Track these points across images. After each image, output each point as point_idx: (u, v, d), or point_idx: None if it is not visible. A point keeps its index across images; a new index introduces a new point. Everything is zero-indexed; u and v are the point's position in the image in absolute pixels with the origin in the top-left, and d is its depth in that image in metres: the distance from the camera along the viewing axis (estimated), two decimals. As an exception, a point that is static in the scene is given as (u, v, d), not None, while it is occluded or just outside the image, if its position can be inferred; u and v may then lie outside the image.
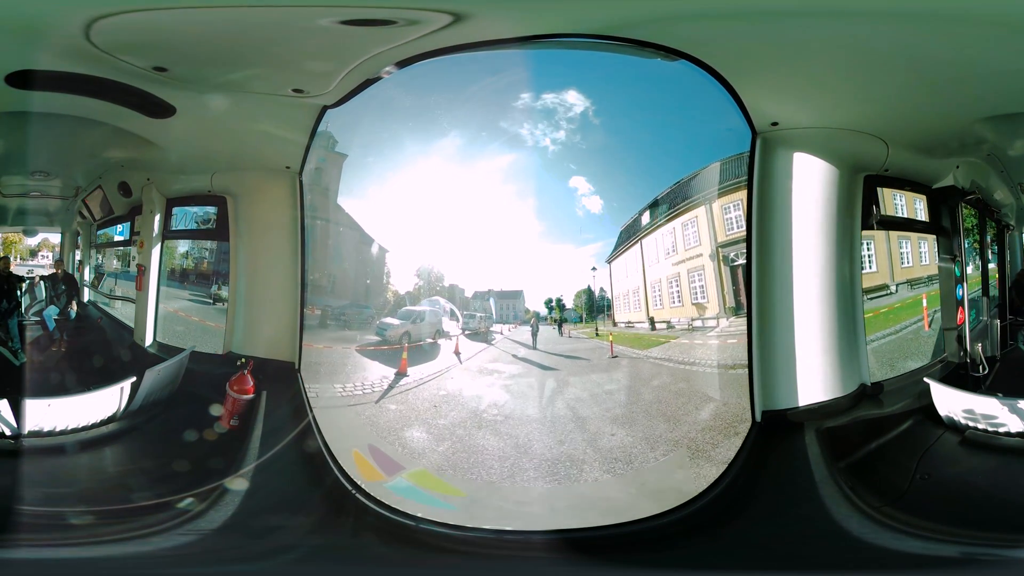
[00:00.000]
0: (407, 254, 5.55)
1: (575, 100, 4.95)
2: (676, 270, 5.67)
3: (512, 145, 5.03)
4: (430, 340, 5.82)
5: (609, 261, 5.73)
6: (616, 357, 5.73)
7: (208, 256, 5.62)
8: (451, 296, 5.80)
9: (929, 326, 5.17)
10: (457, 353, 5.84)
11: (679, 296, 5.66)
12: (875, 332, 5.01)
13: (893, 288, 5.16)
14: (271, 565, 3.91)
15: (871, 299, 5.04)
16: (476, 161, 5.07)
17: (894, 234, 5.15)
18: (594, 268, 5.66)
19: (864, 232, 5.00)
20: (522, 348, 5.96)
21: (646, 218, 5.61)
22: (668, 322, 5.72)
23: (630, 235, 5.71)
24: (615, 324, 5.94)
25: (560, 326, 6.08)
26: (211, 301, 5.52)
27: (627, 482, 4.65)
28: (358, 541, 4.22)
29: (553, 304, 6.00)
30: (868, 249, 5.07)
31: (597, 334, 5.96)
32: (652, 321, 5.84)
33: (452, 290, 5.79)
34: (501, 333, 6.05)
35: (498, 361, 5.80)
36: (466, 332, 5.92)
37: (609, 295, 5.95)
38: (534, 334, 6.03)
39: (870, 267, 5.07)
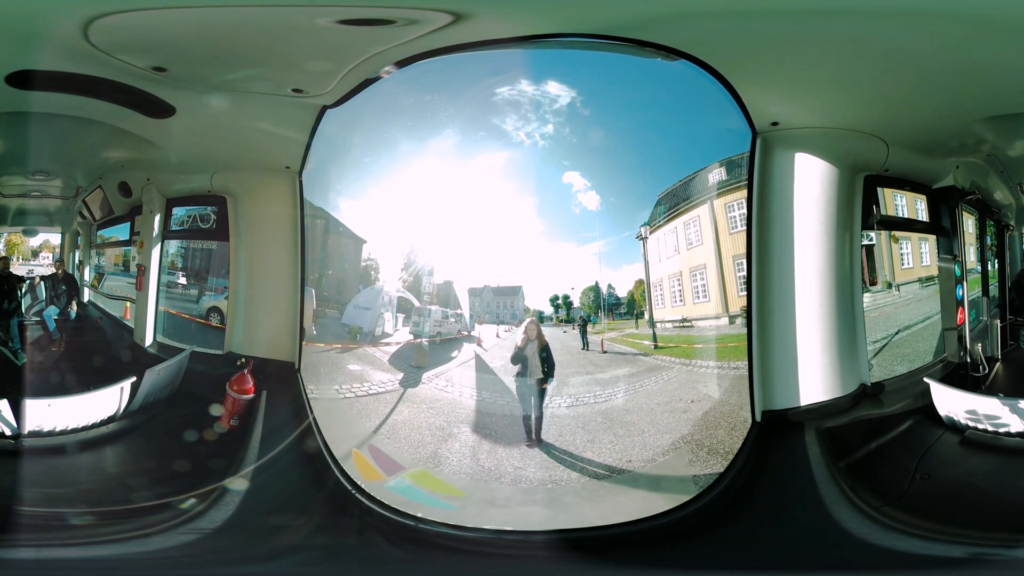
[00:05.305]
0: (395, 249, 5.27)
1: (575, 100, 4.95)
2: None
3: (511, 144, 5.02)
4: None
5: (649, 225, 4.26)
6: None
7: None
8: (445, 294, 4.97)
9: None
10: None
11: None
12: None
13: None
14: (270, 565, 3.91)
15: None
16: (475, 160, 5.06)
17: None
18: (645, 224, 4.06)
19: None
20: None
21: (719, 175, 4.34)
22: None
23: (678, 201, 4.39)
24: (653, 324, 4.28)
25: (584, 331, 4.48)
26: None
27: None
28: (358, 541, 4.22)
29: (559, 302, 4.91)
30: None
31: (656, 345, 3.83)
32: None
33: (447, 286, 5.13)
34: (480, 344, 3.97)
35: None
36: (419, 339, 4.16)
37: (616, 289, 4.61)
38: (534, 395, 3.38)
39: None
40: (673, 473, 3.53)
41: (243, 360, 4.97)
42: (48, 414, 4.54)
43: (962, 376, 5.02)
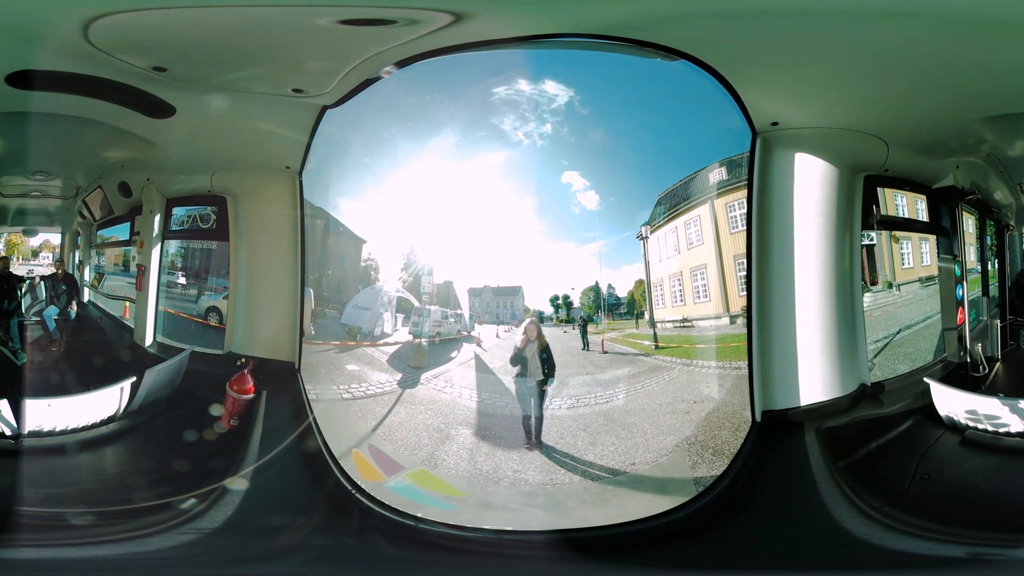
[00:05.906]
0: (395, 249, 5.24)
1: (574, 100, 4.95)
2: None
3: (510, 144, 5.03)
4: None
5: (649, 225, 4.25)
6: None
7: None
8: (445, 294, 4.94)
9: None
10: None
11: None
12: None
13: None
14: (270, 565, 3.91)
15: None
16: (475, 160, 5.06)
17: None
18: (645, 224, 4.09)
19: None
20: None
21: (719, 175, 4.42)
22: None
23: (678, 201, 4.38)
24: (653, 325, 4.23)
25: (584, 331, 4.44)
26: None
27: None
28: (358, 541, 4.22)
29: (560, 302, 4.87)
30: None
31: (657, 345, 3.77)
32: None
33: (447, 286, 5.09)
34: (480, 344, 3.80)
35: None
36: (418, 339, 4.02)
37: (616, 289, 4.53)
38: (534, 396, 3.16)
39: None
40: (678, 476, 3.49)
41: (243, 360, 4.97)
42: (48, 414, 4.54)
43: (962, 376, 5.02)
